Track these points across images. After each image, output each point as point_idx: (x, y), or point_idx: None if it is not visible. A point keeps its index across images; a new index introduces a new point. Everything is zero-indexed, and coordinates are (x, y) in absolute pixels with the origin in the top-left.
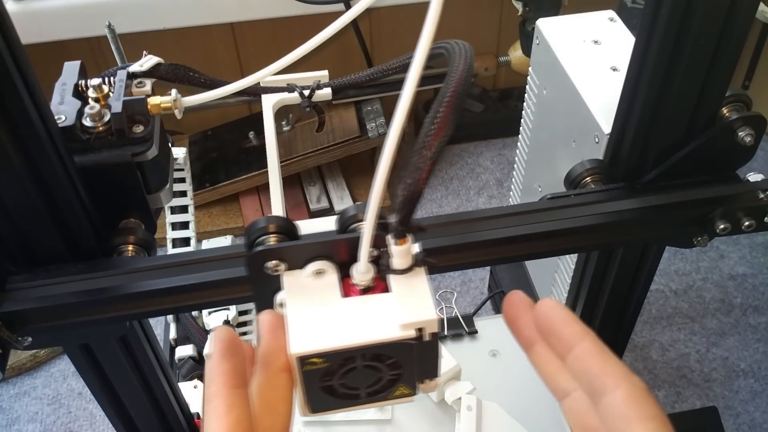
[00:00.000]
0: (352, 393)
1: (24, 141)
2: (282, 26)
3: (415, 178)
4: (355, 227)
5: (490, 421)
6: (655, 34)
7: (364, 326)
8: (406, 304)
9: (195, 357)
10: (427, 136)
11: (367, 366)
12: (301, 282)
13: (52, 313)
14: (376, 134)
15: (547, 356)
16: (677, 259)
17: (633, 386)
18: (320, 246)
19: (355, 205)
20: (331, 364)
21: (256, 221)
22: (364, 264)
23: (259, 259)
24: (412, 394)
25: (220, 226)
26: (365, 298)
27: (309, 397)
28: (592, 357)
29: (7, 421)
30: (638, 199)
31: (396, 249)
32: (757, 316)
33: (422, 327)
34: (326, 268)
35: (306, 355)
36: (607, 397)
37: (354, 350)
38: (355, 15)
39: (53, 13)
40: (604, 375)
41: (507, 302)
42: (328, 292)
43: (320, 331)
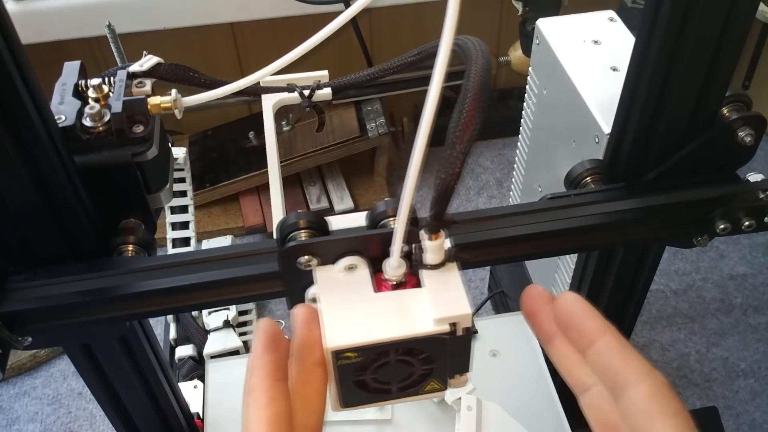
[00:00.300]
0: (384, 387)
1: (24, 141)
2: (282, 26)
3: (449, 173)
4: (385, 223)
5: (490, 421)
6: (655, 34)
7: (398, 321)
8: (440, 299)
9: (195, 357)
10: (457, 131)
11: (400, 360)
12: (334, 277)
13: (52, 313)
14: (376, 134)
15: (567, 351)
16: (677, 259)
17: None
18: (352, 241)
19: (385, 201)
20: (365, 359)
21: (287, 217)
22: (397, 259)
23: (292, 254)
24: (443, 389)
25: (220, 226)
26: (398, 293)
27: (341, 392)
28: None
29: (7, 421)
30: (638, 199)
31: (429, 244)
32: (757, 316)
33: (456, 322)
34: (358, 263)
35: (341, 349)
36: (629, 393)
37: (388, 345)
38: (354, 13)
39: (53, 13)
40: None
41: (526, 296)
42: (360, 287)
43: (354, 326)
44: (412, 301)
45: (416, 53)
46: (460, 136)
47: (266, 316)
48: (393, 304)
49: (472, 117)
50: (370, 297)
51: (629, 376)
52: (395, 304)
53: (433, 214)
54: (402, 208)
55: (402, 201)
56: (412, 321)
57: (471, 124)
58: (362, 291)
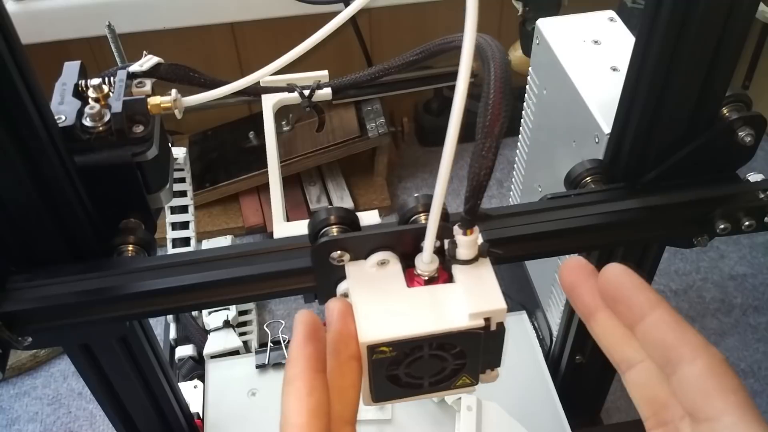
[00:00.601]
0: (416, 382)
1: (24, 141)
2: (282, 26)
3: (482, 167)
4: (416, 218)
5: (490, 421)
6: (655, 34)
7: (433, 315)
8: (474, 294)
9: (195, 357)
10: (486, 125)
11: (433, 355)
12: (365, 272)
13: (52, 313)
14: (376, 134)
15: (612, 325)
16: (677, 259)
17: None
18: (385, 237)
19: (415, 197)
20: (399, 353)
21: (319, 212)
22: (429, 254)
23: (325, 249)
24: (473, 383)
25: (220, 226)
26: (430, 288)
27: (374, 386)
28: (666, 326)
29: (7, 421)
30: (638, 199)
31: (463, 239)
32: (757, 316)
33: (490, 316)
34: (390, 258)
35: (376, 343)
36: (684, 369)
37: (423, 339)
38: (353, 12)
39: (53, 13)
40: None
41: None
42: (392, 282)
43: (389, 321)
44: (445, 296)
45: (418, 52)
46: (489, 130)
47: (266, 316)
48: (426, 298)
49: (498, 110)
50: (402, 292)
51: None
52: (429, 299)
53: (467, 209)
54: (435, 204)
55: (435, 197)
56: (446, 315)
57: (499, 117)
58: (395, 286)
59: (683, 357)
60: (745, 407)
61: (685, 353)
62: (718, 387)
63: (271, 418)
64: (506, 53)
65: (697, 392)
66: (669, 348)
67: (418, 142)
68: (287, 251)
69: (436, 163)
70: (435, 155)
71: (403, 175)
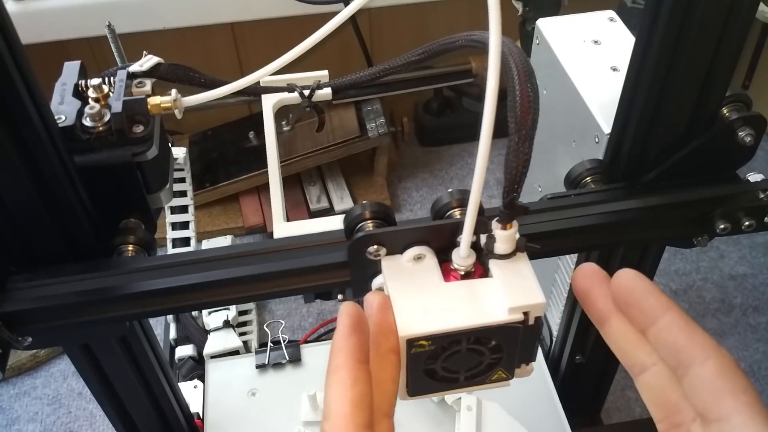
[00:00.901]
0: (452, 376)
1: (24, 141)
2: (282, 26)
3: (518, 160)
4: (451, 214)
5: (490, 421)
6: (655, 34)
7: (471, 310)
8: (512, 288)
9: (195, 357)
10: (517, 118)
11: (471, 349)
12: (401, 267)
13: (52, 313)
14: (376, 134)
15: (625, 330)
16: (677, 259)
17: (723, 358)
18: (422, 231)
19: (449, 193)
20: (437, 348)
21: (353, 209)
22: (467, 249)
23: (361, 244)
24: (509, 378)
25: (220, 226)
26: (468, 282)
27: (410, 380)
28: (678, 329)
29: (7, 421)
30: (638, 199)
31: (501, 234)
32: (757, 316)
33: (528, 311)
34: (425, 253)
35: (415, 337)
36: (695, 370)
37: (461, 333)
38: (353, 11)
39: (53, 13)
40: (691, 347)
41: (579, 274)
42: (429, 277)
43: (427, 315)
44: (483, 291)
45: (420, 52)
46: (521, 122)
47: (266, 316)
48: (464, 293)
49: (527, 102)
50: (439, 286)
51: (695, 353)
52: (466, 293)
53: (506, 204)
54: (472, 198)
55: (472, 191)
56: (485, 310)
57: (528, 109)
58: (431, 280)
59: (694, 358)
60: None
61: (696, 355)
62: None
63: (271, 418)
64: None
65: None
66: (680, 350)
67: (418, 142)
68: (287, 251)
69: (436, 163)
70: (435, 155)
71: (403, 175)
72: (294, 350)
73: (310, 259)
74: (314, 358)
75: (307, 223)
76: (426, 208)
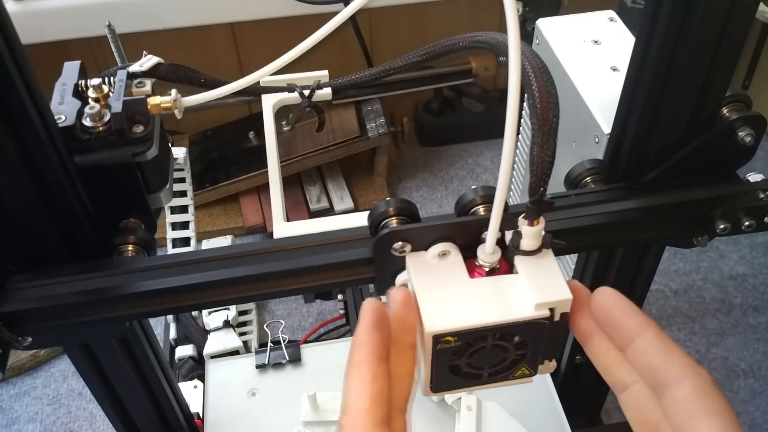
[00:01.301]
0: (476, 372)
1: (24, 141)
2: (282, 26)
3: (543, 155)
4: (475, 210)
5: (490, 421)
6: (655, 34)
7: (498, 306)
8: (539, 284)
9: (195, 357)
10: (539, 114)
11: (496, 345)
12: (426, 263)
13: (52, 313)
14: (376, 134)
15: (606, 348)
16: (677, 259)
17: (699, 379)
18: (448, 227)
19: (474, 189)
20: (463, 344)
21: (378, 205)
22: (492, 245)
23: (387, 240)
24: (532, 374)
25: (220, 226)
26: (493, 278)
27: (435, 376)
28: (654, 349)
29: (7, 421)
30: (638, 199)
31: (528, 230)
32: (757, 316)
33: (555, 307)
34: (450, 249)
35: (441, 333)
36: (672, 391)
37: (488, 329)
38: (353, 11)
39: (53, 13)
40: (667, 367)
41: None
42: (454, 273)
43: (453, 311)
44: (508, 287)
45: (422, 53)
46: (543, 117)
47: (266, 316)
48: (490, 289)
49: (546, 98)
50: (465, 282)
51: (672, 374)
52: (492, 290)
53: (533, 200)
54: (498, 194)
55: (498, 188)
56: (511, 306)
57: (548, 104)
58: (457, 277)
59: (670, 379)
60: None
61: (672, 375)
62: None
63: (271, 418)
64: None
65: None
66: (657, 371)
67: (418, 142)
68: (287, 251)
69: (436, 163)
70: (435, 155)
71: (403, 175)
72: (294, 350)
73: (310, 259)
74: (314, 358)
75: (307, 223)
76: (426, 208)
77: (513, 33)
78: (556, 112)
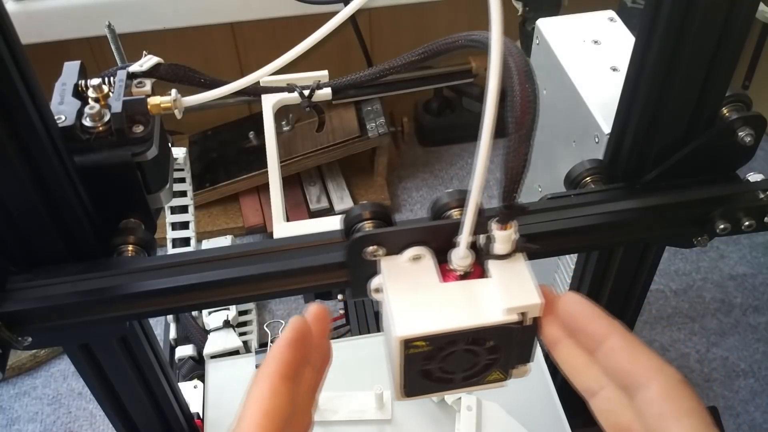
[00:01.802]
0: (448, 377)
1: (24, 141)
2: (282, 26)
3: (517, 160)
4: (449, 214)
5: (490, 421)
6: (655, 34)
7: (468, 310)
8: (509, 289)
9: (195, 357)
10: (516, 118)
11: (467, 350)
12: (399, 267)
13: (52, 313)
14: (376, 134)
15: (574, 354)
16: (677, 259)
17: (668, 379)
18: (421, 231)
19: (449, 193)
20: (434, 348)
21: (352, 209)
22: (465, 249)
23: (359, 244)
24: (504, 379)
25: (220, 226)
26: (465, 282)
27: (406, 381)
28: (621, 352)
29: (7, 421)
30: (638, 199)
31: (500, 234)
32: (757, 316)
33: (525, 311)
34: (424, 253)
35: (411, 338)
36: (641, 393)
37: (458, 334)
38: (353, 11)
39: (53, 13)
40: (636, 370)
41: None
42: (426, 277)
43: (424, 315)
44: (480, 291)
45: (420, 52)
46: (520, 123)
47: (266, 316)
48: (461, 293)
49: (526, 102)
50: (437, 287)
51: (640, 377)
52: (463, 294)
53: (505, 204)
54: (471, 199)
55: (471, 192)
56: (482, 310)
57: (527, 109)
58: (429, 281)
59: (639, 382)
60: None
61: (640, 378)
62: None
63: None
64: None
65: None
66: (625, 374)
67: (418, 142)
68: (287, 251)
69: (436, 163)
70: (435, 155)
71: (403, 175)
72: None
73: (310, 259)
74: None
75: (307, 223)
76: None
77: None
78: (534, 118)
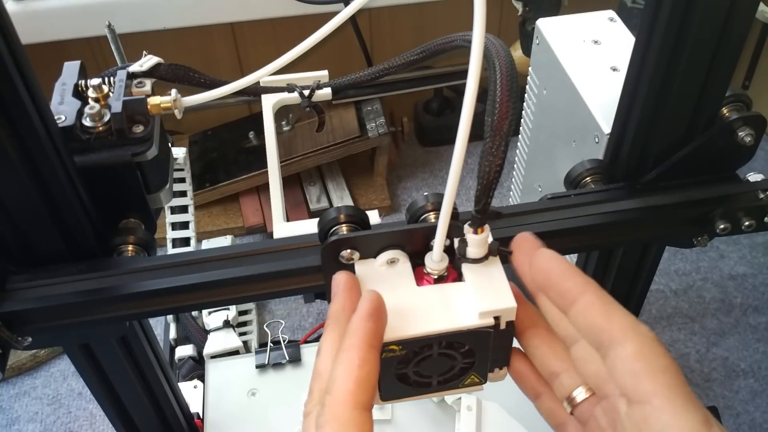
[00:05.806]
0: (425, 381)
1: (24, 141)
2: (282, 26)
3: (491, 165)
4: (426, 217)
5: (490, 421)
6: (655, 34)
7: (443, 314)
8: (483, 293)
9: (195, 357)
10: (494, 123)
11: (443, 354)
12: (375, 271)
13: (52, 313)
14: (376, 134)
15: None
16: (677, 259)
17: (641, 338)
18: (395, 235)
19: (425, 196)
20: (408, 352)
21: (328, 211)
22: (439, 253)
23: (334, 248)
24: (482, 382)
25: (220, 226)
26: (440, 286)
27: (382, 385)
28: (595, 310)
29: (7, 421)
30: (638, 199)
31: (473, 238)
32: (757, 316)
33: (500, 315)
34: (399, 257)
35: (385, 342)
36: (615, 351)
37: (432, 338)
38: (353, 11)
39: (53, 13)
40: (609, 328)
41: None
42: (402, 281)
43: (399, 319)
44: (454, 295)
45: (419, 52)
46: (498, 129)
47: (266, 316)
48: (436, 297)
49: (506, 108)
50: (412, 290)
51: (614, 335)
52: (438, 298)
53: (478, 208)
54: (446, 202)
55: (446, 195)
56: (456, 314)
57: (506, 116)
58: (404, 284)
59: (613, 340)
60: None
61: (614, 336)
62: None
63: (271, 418)
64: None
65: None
66: (599, 332)
67: (418, 142)
68: (287, 251)
69: (436, 163)
70: (435, 155)
71: (403, 175)
72: (294, 350)
73: (310, 259)
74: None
75: (307, 223)
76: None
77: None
78: (511, 124)
